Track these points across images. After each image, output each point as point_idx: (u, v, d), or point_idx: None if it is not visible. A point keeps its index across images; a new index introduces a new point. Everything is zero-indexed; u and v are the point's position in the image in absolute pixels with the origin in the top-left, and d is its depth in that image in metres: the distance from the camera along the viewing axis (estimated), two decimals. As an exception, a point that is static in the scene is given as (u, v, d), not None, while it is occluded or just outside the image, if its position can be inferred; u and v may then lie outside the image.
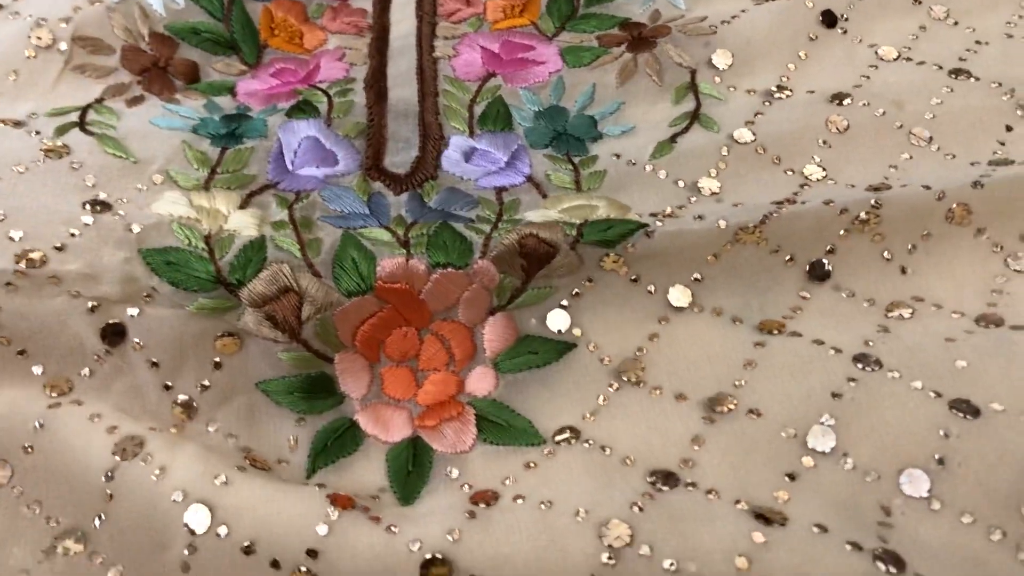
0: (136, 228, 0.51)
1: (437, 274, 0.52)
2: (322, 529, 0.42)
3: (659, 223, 0.52)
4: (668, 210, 0.53)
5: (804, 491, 0.44)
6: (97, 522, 0.44)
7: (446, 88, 0.62)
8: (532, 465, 0.47)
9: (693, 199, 0.55)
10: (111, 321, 0.49)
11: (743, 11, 0.65)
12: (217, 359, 0.50)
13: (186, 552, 0.43)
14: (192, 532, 0.43)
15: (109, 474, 0.44)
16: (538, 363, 0.51)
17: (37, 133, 0.57)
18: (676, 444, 0.47)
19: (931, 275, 0.53)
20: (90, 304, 0.49)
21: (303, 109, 0.60)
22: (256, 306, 0.50)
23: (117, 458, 0.44)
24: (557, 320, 0.52)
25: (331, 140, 0.59)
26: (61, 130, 0.57)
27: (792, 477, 0.44)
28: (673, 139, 0.58)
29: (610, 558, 0.41)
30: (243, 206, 0.55)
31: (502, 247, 0.52)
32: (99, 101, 0.60)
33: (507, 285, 0.52)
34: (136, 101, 0.61)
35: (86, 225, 0.51)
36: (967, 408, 0.45)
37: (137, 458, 0.44)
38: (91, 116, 0.59)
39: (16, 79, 0.61)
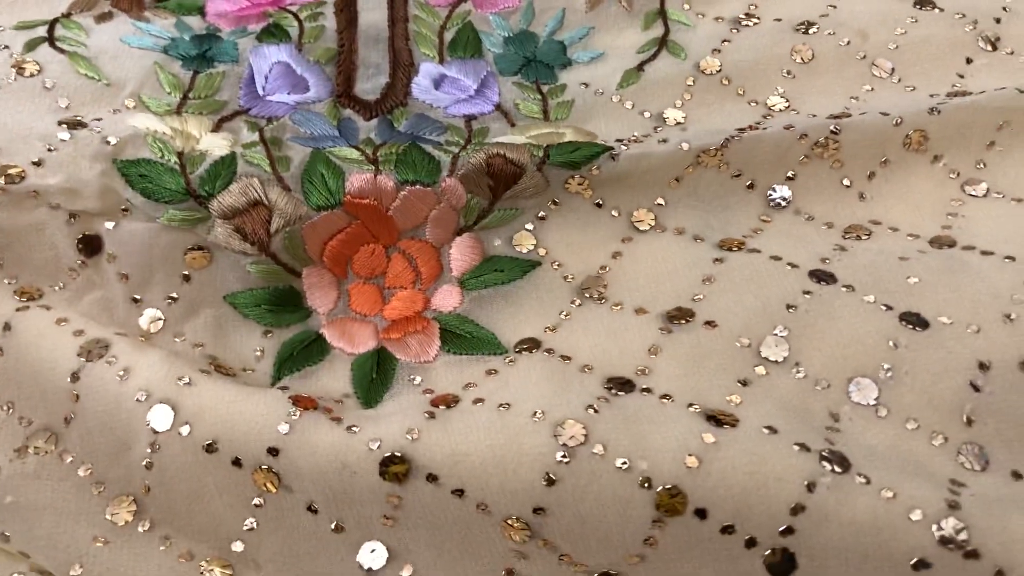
0: (112, 140, 0.51)
1: (405, 191, 0.52)
2: (283, 428, 0.43)
3: (624, 147, 0.53)
4: (634, 136, 0.54)
5: (756, 396, 0.45)
6: (65, 422, 0.45)
7: (416, 13, 0.62)
8: (493, 372, 0.48)
9: (658, 128, 0.56)
10: (87, 233, 0.50)
11: None
12: (186, 272, 0.51)
13: (149, 451, 0.44)
14: (155, 431, 0.44)
15: (75, 375, 0.45)
16: (503, 280, 0.52)
17: (6, 47, 0.56)
18: (633, 354, 0.47)
19: (889, 200, 0.54)
20: (68, 216, 0.50)
21: (273, 33, 0.60)
22: (225, 218, 0.50)
23: (82, 359, 0.46)
24: (525, 240, 0.53)
25: (302, 66, 0.59)
26: (30, 45, 0.56)
27: (744, 383, 0.45)
28: (640, 67, 0.59)
29: (564, 456, 0.42)
30: (215, 130, 0.54)
31: (469, 165, 0.52)
32: (66, 16, 0.59)
33: (474, 205, 0.53)
34: (105, 18, 0.60)
35: (63, 141, 0.51)
36: (916, 320, 0.46)
37: (102, 360, 0.46)
38: (59, 31, 0.58)
39: None
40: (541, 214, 0.53)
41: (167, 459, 0.44)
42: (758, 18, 0.61)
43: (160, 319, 0.50)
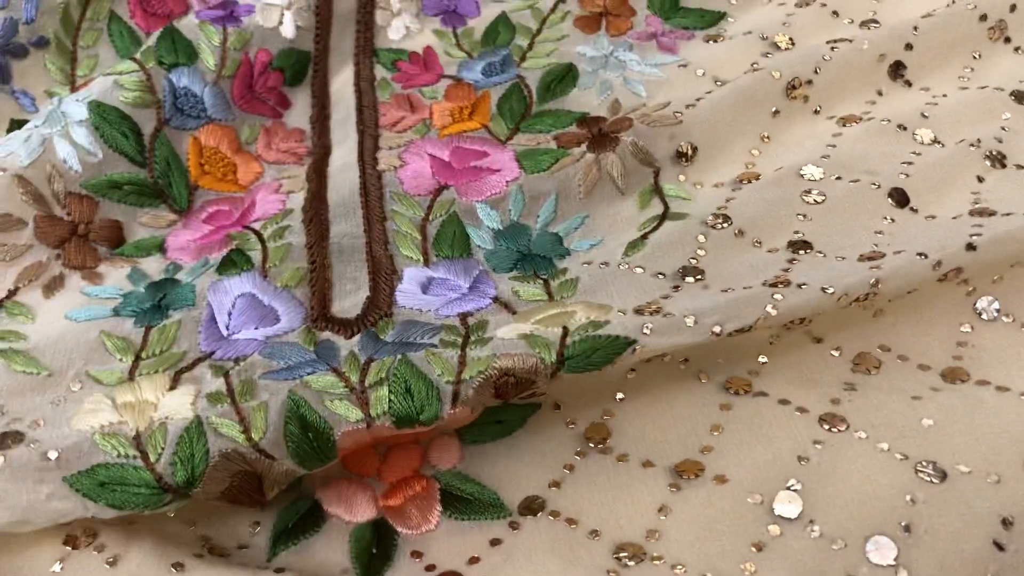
0: (53, 454, 0.44)
1: (403, 431, 0.46)
2: None
3: (648, 329, 0.48)
4: (654, 306, 0.50)
5: (771, 561, 0.42)
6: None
7: (394, 208, 0.58)
8: (497, 542, 0.46)
9: (678, 288, 0.52)
10: None
11: (708, 92, 0.63)
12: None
13: None
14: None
15: (60, 565, 0.43)
16: (503, 433, 0.49)
17: None
18: (642, 514, 0.45)
19: (899, 317, 0.52)
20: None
21: (235, 262, 0.55)
22: (211, 498, 0.45)
23: (68, 548, 0.43)
24: None
25: (269, 294, 0.53)
26: None
27: (759, 547, 0.43)
28: (644, 237, 0.56)
29: None
30: (173, 387, 0.48)
31: (472, 392, 0.46)
32: (11, 294, 0.54)
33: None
34: (55, 284, 0.55)
35: None
36: (934, 471, 0.44)
37: (90, 547, 0.43)
38: (2, 322, 0.53)
39: None
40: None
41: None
42: (758, 174, 0.60)
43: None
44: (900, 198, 0.57)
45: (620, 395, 0.50)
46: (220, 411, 0.45)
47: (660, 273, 0.53)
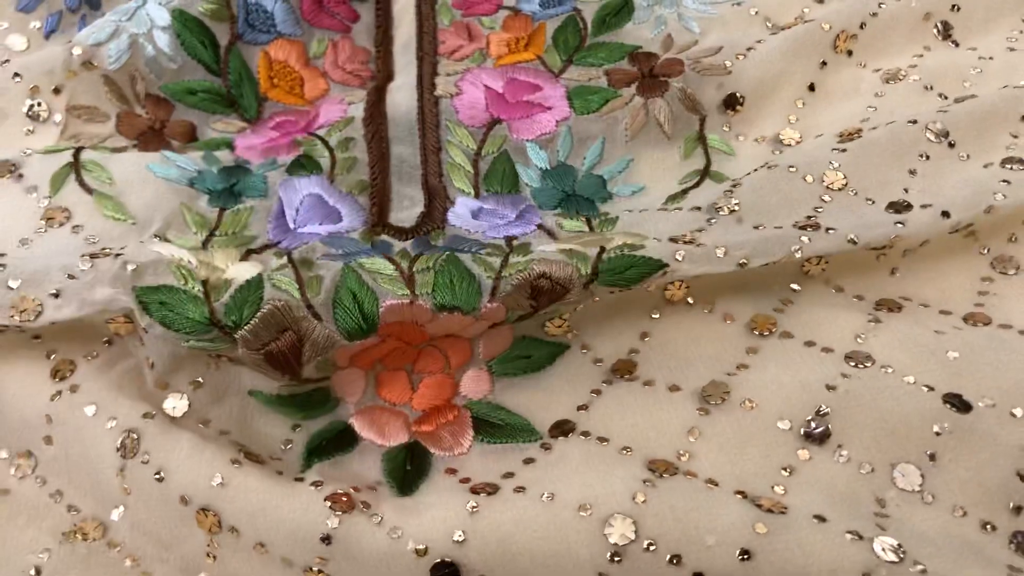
0: (132, 265, 0.49)
1: (443, 316, 0.49)
2: (326, 529, 0.44)
3: (679, 256, 0.50)
4: (687, 235, 0.52)
5: (801, 483, 0.44)
6: (112, 513, 0.46)
7: (449, 139, 0.61)
8: (531, 461, 0.47)
9: (712, 220, 0.54)
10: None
11: (758, 42, 0.64)
12: (211, 364, 0.50)
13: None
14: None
15: (120, 471, 0.46)
16: (532, 368, 0.51)
17: (34, 190, 0.56)
18: (672, 436, 0.47)
19: (920, 277, 0.54)
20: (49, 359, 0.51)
21: (303, 165, 0.59)
22: (253, 349, 0.48)
23: (121, 456, 0.46)
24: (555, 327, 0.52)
25: (335, 197, 0.57)
26: (56, 183, 0.56)
27: (789, 471, 0.45)
28: (684, 192, 0.58)
29: (616, 555, 0.42)
30: (243, 259, 0.52)
31: (512, 287, 0.49)
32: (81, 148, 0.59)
33: (513, 314, 0.51)
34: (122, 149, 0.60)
35: (83, 270, 0.50)
36: (959, 403, 0.46)
37: (137, 458, 0.46)
38: (85, 157, 0.57)
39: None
40: (579, 307, 0.52)
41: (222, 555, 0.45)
42: (799, 137, 0.61)
43: (186, 403, 0.49)
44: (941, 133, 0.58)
45: (647, 336, 0.52)
46: (281, 273, 0.49)
47: (696, 207, 0.55)
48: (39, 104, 0.61)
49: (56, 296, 0.49)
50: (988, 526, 0.43)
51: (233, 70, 0.64)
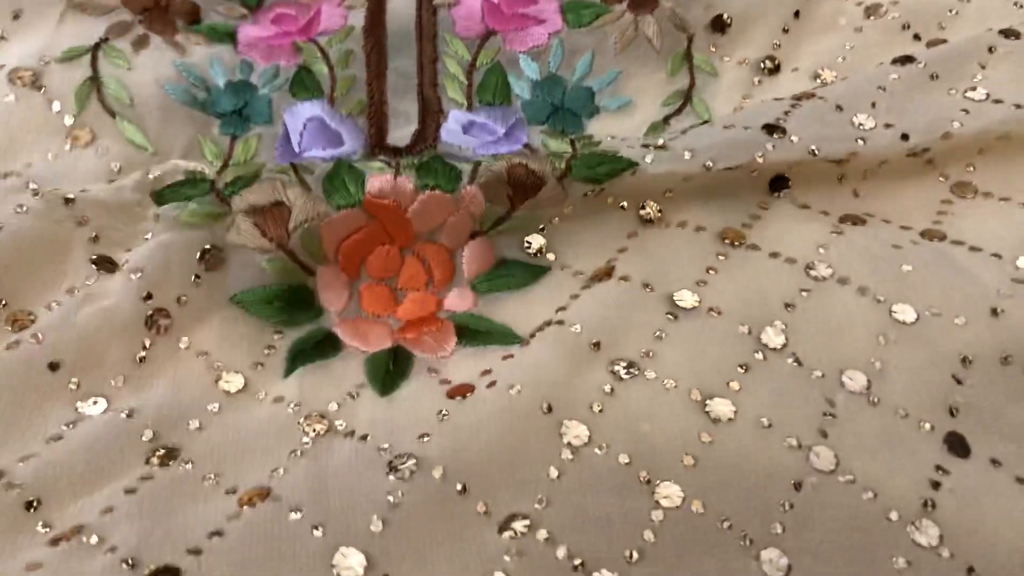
0: (155, 172, 0.56)
1: (424, 195, 0.53)
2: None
3: (648, 159, 0.55)
4: (660, 141, 0.56)
5: (755, 382, 0.47)
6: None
7: (444, 51, 0.63)
8: (509, 356, 0.49)
9: (685, 132, 0.58)
10: (105, 255, 0.53)
11: None
12: (197, 273, 0.52)
13: None
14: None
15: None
16: (514, 285, 0.53)
17: (58, 110, 0.58)
18: (640, 335, 0.49)
19: (882, 197, 0.57)
20: (92, 236, 0.53)
21: (306, 85, 0.62)
22: (247, 214, 0.52)
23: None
24: (534, 241, 0.55)
25: (335, 120, 0.61)
26: (80, 98, 0.58)
27: (745, 368, 0.48)
28: (666, 120, 0.61)
29: (570, 456, 0.44)
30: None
31: (490, 173, 0.54)
32: (104, 40, 0.61)
33: (492, 213, 0.54)
34: (141, 43, 0.62)
35: (115, 182, 0.56)
36: (906, 314, 0.49)
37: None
38: (105, 72, 0.60)
39: (19, 19, 0.62)
40: (555, 219, 0.55)
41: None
42: (777, 65, 0.64)
43: (168, 320, 0.50)
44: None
45: (623, 248, 0.54)
46: (278, 167, 0.56)
47: (671, 134, 0.59)
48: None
49: (83, 191, 0.54)
50: (927, 424, 0.45)
51: None
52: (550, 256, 0.54)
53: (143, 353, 0.49)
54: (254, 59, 0.63)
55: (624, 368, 0.47)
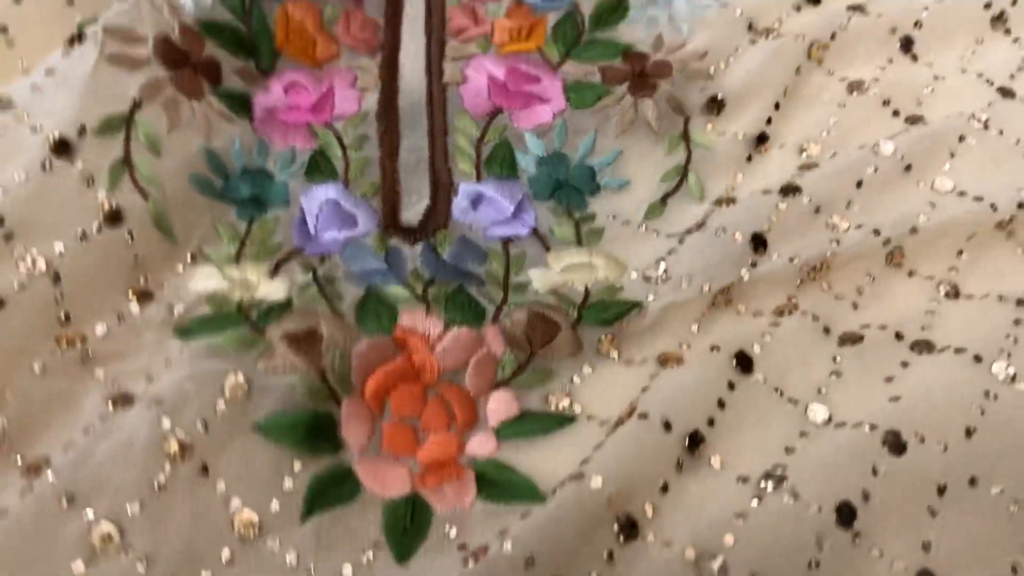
0: (179, 309, 0.57)
1: (452, 332, 0.58)
2: None
3: (651, 297, 0.60)
4: (660, 269, 0.61)
5: (749, 531, 0.51)
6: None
7: (455, 124, 0.67)
8: (528, 515, 0.51)
9: (682, 241, 0.63)
10: (123, 392, 0.54)
11: (737, 48, 0.72)
12: (221, 401, 0.53)
13: None
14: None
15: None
16: (539, 432, 0.55)
17: (92, 182, 0.58)
18: (651, 478, 0.52)
19: (877, 308, 0.62)
20: (112, 379, 0.55)
21: (320, 168, 0.65)
22: (278, 336, 0.56)
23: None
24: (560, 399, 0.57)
25: (350, 202, 0.63)
26: (113, 177, 0.59)
27: (742, 517, 0.52)
28: (664, 200, 0.65)
29: None
30: (273, 273, 0.59)
31: (511, 320, 0.59)
32: (137, 104, 0.61)
33: (511, 359, 0.58)
34: (172, 112, 0.62)
35: (133, 314, 0.57)
36: (894, 443, 0.53)
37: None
38: (135, 151, 0.60)
39: (53, 74, 0.62)
40: (575, 378, 0.58)
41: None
42: (770, 139, 0.69)
43: (188, 448, 0.51)
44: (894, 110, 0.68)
45: (646, 388, 0.57)
46: (308, 293, 0.59)
47: (669, 233, 0.64)
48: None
49: (105, 336, 0.56)
50: (900, 562, 0.51)
51: (255, 19, 0.68)
52: (576, 408, 0.56)
53: (162, 479, 0.50)
54: (271, 139, 0.65)
55: (627, 529, 0.51)
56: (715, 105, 0.69)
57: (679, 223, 0.64)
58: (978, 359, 0.56)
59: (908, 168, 0.65)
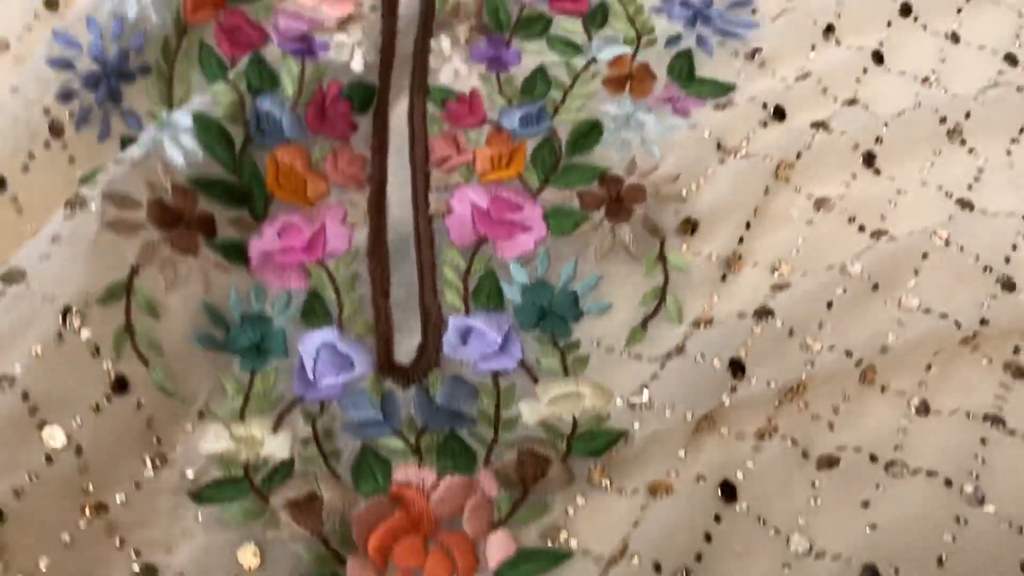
0: (190, 474, 0.59)
1: (445, 481, 0.60)
2: None
3: (636, 425, 0.62)
4: (644, 397, 0.64)
5: None
6: None
7: (442, 257, 0.70)
8: None
9: (664, 366, 0.65)
10: (148, 563, 0.56)
11: (707, 169, 0.75)
12: (237, 573, 0.56)
13: None
14: None
15: None
16: (537, 571, 0.57)
17: (97, 352, 0.59)
18: None
19: (851, 428, 0.64)
20: (133, 549, 0.57)
21: (316, 312, 0.67)
22: (284, 508, 0.58)
23: None
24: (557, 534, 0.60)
25: (345, 344, 0.66)
26: (118, 345, 0.60)
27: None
28: (644, 325, 0.68)
29: None
30: (275, 427, 0.62)
31: (502, 461, 0.61)
32: (135, 271, 0.62)
33: (506, 498, 0.60)
34: (170, 273, 0.64)
35: (148, 479, 0.59)
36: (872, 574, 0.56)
37: None
38: (135, 316, 0.62)
39: (58, 242, 0.63)
40: (569, 509, 0.60)
41: None
42: (742, 261, 0.71)
43: None
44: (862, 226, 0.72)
45: (637, 522, 0.59)
46: (308, 451, 0.61)
47: (651, 358, 0.66)
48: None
49: (124, 504, 0.58)
50: None
51: (246, 169, 0.71)
52: (572, 543, 0.58)
53: None
54: (267, 283, 0.68)
55: None
56: (688, 226, 0.72)
57: (660, 347, 0.67)
58: (948, 483, 0.59)
59: (875, 287, 0.68)
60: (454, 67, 0.81)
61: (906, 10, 0.86)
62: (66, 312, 0.59)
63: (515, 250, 0.71)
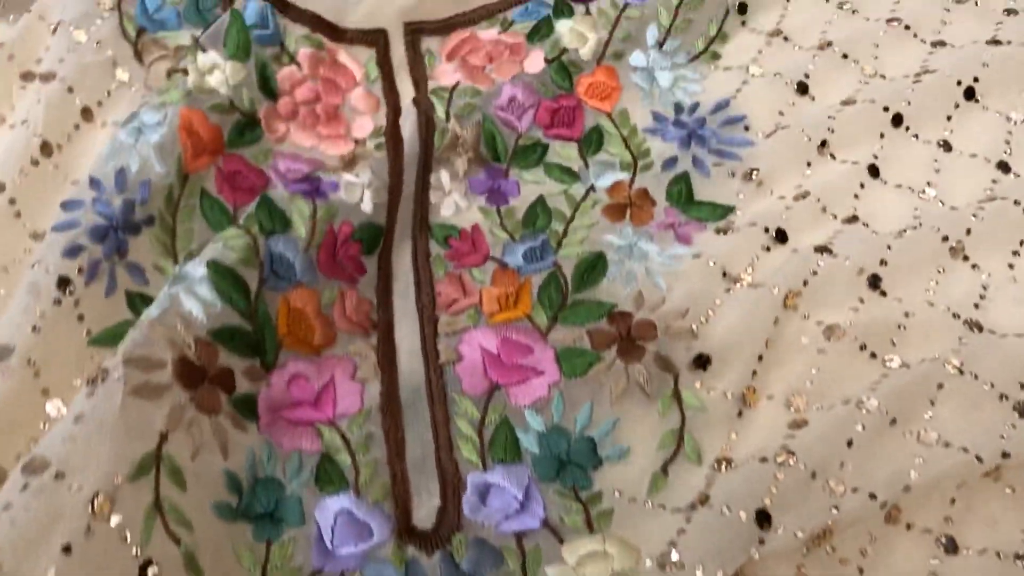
0: None
1: None
2: None
3: None
4: (675, 557, 0.62)
5: None
6: None
7: (455, 412, 0.68)
8: None
9: (690, 520, 0.64)
10: None
11: (716, 300, 0.74)
12: None
13: None
14: None
15: None
16: None
17: (127, 539, 0.57)
18: None
19: (880, 569, 0.64)
20: None
21: (331, 477, 0.65)
22: None
23: None
24: None
25: (363, 510, 0.64)
26: (147, 527, 0.57)
27: None
28: (664, 470, 0.67)
29: None
30: None
31: None
32: (164, 438, 0.60)
33: None
34: (197, 438, 0.62)
35: None
36: None
37: None
38: (164, 489, 0.59)
39: (81, 421, 0.61)
40: None
41: None
42: (757, 395, 0.71)
43: None
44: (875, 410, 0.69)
45: None
46: None
47: (676, 508, 0.65)
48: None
49: None
50: None
51: (260, 315, 0.70)
52: None
53: None
54: (278, 442, 0.66)
55: None
56: (701, 362, 0.71)
57: (683, 495, 0.66)
58: None
59: (893, 422, 0.68)
60: (454, 200, 0.81)
61: (897, 120, 0.86)
62: (93, 498, 0.57)
63: (529, 396, 0.69)
